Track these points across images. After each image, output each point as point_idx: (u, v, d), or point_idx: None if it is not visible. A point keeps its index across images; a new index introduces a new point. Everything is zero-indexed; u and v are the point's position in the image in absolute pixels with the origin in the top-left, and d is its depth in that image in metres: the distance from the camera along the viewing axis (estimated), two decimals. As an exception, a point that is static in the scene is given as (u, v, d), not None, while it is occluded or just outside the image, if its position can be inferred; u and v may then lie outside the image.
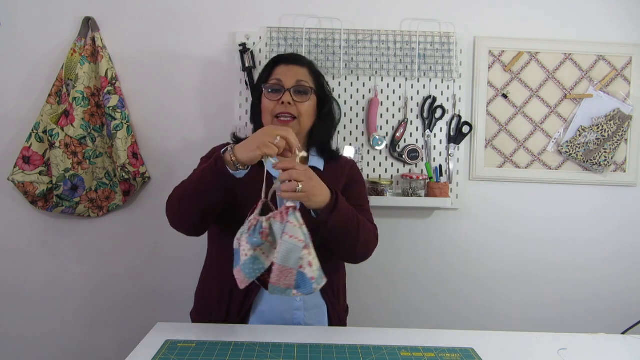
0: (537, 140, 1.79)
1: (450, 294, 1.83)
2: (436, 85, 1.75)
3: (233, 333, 1.06)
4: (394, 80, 1.75)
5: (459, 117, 1.75)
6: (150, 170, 1.74)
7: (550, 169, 1.80)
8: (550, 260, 1.82)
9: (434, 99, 1.74)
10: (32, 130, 1.63)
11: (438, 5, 1.75)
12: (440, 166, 1.75)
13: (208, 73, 1.73)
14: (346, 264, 1.33)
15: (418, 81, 1.75)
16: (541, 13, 1.77)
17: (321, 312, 1.23)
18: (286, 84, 1.22)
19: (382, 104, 1.75)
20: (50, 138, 1.60)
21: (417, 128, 1.76)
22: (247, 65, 1.68)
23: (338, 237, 1.09)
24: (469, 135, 1.77)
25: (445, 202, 1.70)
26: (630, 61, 1.77)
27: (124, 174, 1.66)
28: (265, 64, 1.33)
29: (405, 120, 1.75)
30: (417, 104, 1.76)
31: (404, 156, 1.74)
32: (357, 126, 1.76)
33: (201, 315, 1.26)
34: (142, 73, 1.72)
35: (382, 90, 1.75)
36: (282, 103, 1.21)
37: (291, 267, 0.94)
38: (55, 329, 1.76)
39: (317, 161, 1.30)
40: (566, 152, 1.77)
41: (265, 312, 1.18)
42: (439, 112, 1.75)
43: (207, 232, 1.25)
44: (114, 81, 1.67)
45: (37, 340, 1.76)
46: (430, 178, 1.71)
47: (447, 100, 1.76)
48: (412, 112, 1.76)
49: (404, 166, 1.76)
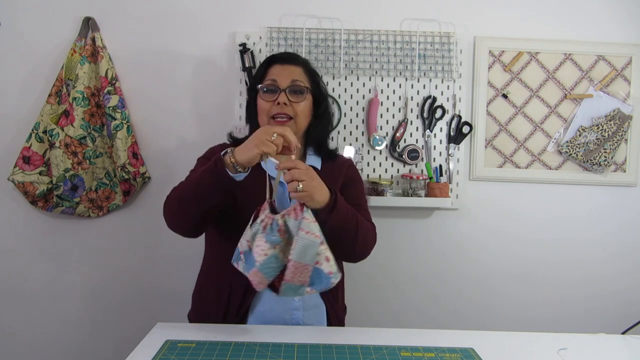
0: (537, 140, 1.79)
1: (450, 294, 1.83)
2: (436, 85, 1.75)
3: (233, 333, 1.06)
4: (394, 80, 1.75)
5: (459, 117, 1.75)
6: (150, 170, 1.74)
7: (550, 169, 1.80)
8: (550, 260, 1.82)
9: (434, 99, 1.74)
10: (32, 130, 1.63)
11: (438, 5, 1.75)
12: (440, 166, 1.75)
13: (208, 73, 1.73)
14: (345, 264, 1.33)
15: (418, 81, 1.75)
16: (541, 13, 1.77)
17: (320, 312, 1.23)
18: (281, 84, 1.21)
19: (382, 104, 1.75)
20: (50, 138, 1.60)
21: (417, 128, 1.76)
22: (247, 65, 1.68)
23: (337, 236, 1.09)
24: (469, 135, 1.77)
25: (445, 202, 1.70)
26: (630, 61, 1.77)
27: (124, 174, 1.66)
28: (260, 63, 1.32)
29: (405, 120, 1.75)
30: (417, 104, 1.76)
31: (404, 156, 1.74)
32: (357, 126, 1.76)
33: (199, 316, 1.25)
34: (142, 73, 1.72)
35: (382, 90, 1.75)
36: (278, 104, 1.20)
37: (307, 264, 0.94)
38: (56, 328, 1.76)
39: (315, 160, 1.29)
40: (566, 152, 1.77)
41: (264, 313, 1.18)
42: (439, 112, 1.75)
43: (204, 234, 1.24)
44: (114, 81, 1.67)
45: (37, 340, 1.76)
46: (430, 178, 1.71)
47: (447, 100, 1.76)
48: (412, 112, 1.76)
49: (404, 166, 1.76)
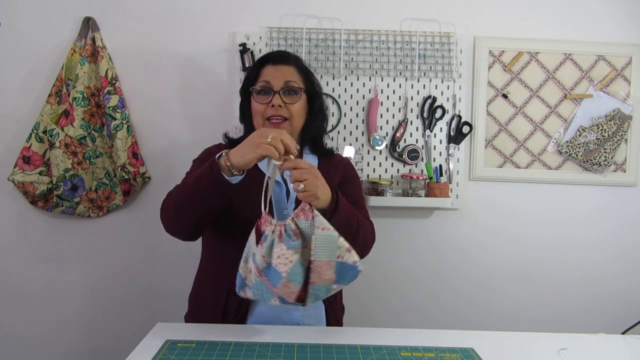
0: (537, 140, 1.79)
1: (450, 294, 1.83)
2: (436, 85, 1.75)
3: (233, 333, 1.06)
4: (394, 80, 1.75)
5: (459, 117, 1.75)
6: (150, 170, 1.74)
7: (550, 169, 1.80)
8: (550, 260, 1.82)
9: (434, 99, 1.74)
10: (32, 130, 1.63)
11: (438, 5, 1.75)
12: (440, 166, 1.75)
13: (208, 73, 1.73)
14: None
15: (418, 81, 1.75)
16: (541, 13, 1.77)
17: (319, 312, 1.23)
18: (275, 85, 1.20)
19: (382, 104, 1.75)
20: (50, 138, 1.60)
21: (417, 128, 1.76)
22: (247, 65, 1.68)
23: None
24: (469, 135, 1.77)
25: (445, 202, 1.70)
26: (630, 61, 1.77)
27: (124, 174, 1.66)
28: (252, 64, 1.30)
29: (405, 120, 1.75)
30: (417, 104, 1.76)
31: (404, 156, 1.74)
32: (357, 126, 1.76)
33: (196, 319, 1.24)
34: (142, 73, 1.72)
35: (382, 90, 1.75)
36: (272, 106, 1.19)
37: (330, 260, 0.93)
38: (55, 328, 1.76)
39: (311, 158, 1.28)
40: (566, 152, 1.77)
41: (263, 314, 1.17)
42: (439, 112, 1.75)
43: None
44: (114, 81, 1.67)
45: (37, 340, 1.76)
46: (430, 178, 1.71)
47: (447, 100, 1.76)
48: (412, 112, 1.76)
49: (404, 166, 1.76)
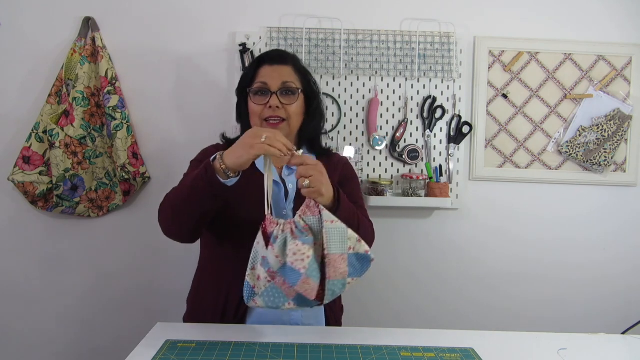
0: (537, 140, 1.79)
1: (450, 294, 1.83)
2: (436, 85, 1.75)
3: (233, 333, 1.06)
4: (394, 80, 1.75)
5: (459, 117, 1.75)
6: (150, 170, 1.74)
7: (550, 169, 1.80)
8: (550, 260, 1.82)
9: (434, 99, 1.74)
10: (32, 130, 1.63)
11: (438, 5, 1.75)
12: (440, 166, 1.75)
13: (208, 73, 1.73)
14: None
15: (418, 81, 1.75)
16: (541, 13, 1.77)
17: (318, 311, 1.22)
18: (272, 86, 1.19)
19: (382, 104, 1.75)
20: (50, 138, 1.60)
21: (417, 128, 1.76)
22: (247, 65, 1.68)
23: None
24: (469, 135, 1.77)
25: (445, 202, 1.70)
26: (630, 61, 1.77)
27: (124, 174, 1.66)
28: (249, 64, 1.30)
29: (405, 120, 1.75)
30: (417, 104, 1.76)
31: (404, 156, 1.74)
32: (357, 126, 1.76)
33: (194, 320, 1.23)
34: (142, 73, 1.72)
35: (382, 90, 1.75)
36: (270, 107, 1.18)
37: (342, 253, 0.93)
38: (55, 328, 1.76)
39: None
40: (566, 152, 1.77)
41: (262, 314, 1.17)
42: (439, 112, 1.75)
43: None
44: (114, 81, 1.67)
45: (37, 340, 1.76)
46: (430, 178, 1.71)
47: (447, 100, 1.76)
48: (412, 112, 1.76)
49: (404, 166, 1.76)
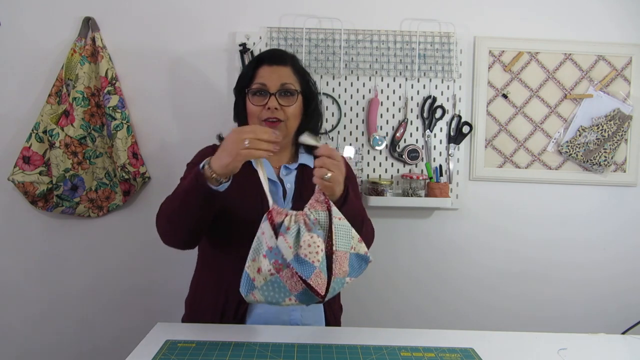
0: (537, 140, 1.79)
1: (450, 294, 1.83)
2: (436, 85, 1.75)
3: (233, 333, 1.06)
4: (394, 80, 1.75)
5: (459, 117, 1.75)
6: (150, 170, 1.74)
7: (550, 169, 1.80)
8: (550, 260, 1.82)
9: (434, 99, 1.74)
10: (32, 130, 1.63)
11: (438, 5, 1.75)
12: (440, 166, 1.75)
13: (208, 73, 1.73)
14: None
15: (418, 81, 1.75)
16: (541, 13, 1.77)
17: (318, 311, 1.22)
18: (270, 87, 1.17)
19: (382, 104, 1.75)
20: (50, 138, 1.60)
21: (417, 128, 1.76)
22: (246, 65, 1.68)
23: None
24: (469, 135, 1.77)
25: (445, 202, 1.70)
26: (630, 61, 1.77)
27: (124, 174, 1.66)
28: (248, 63, 1.28)
29: (405, 120, 1.75)
30: (417, 104, 1.76)
31: (404, 156, 1.74)
32: (357, 126, 1.76)
33: (194, 322, 1.23)
34: (142, 73, 1.72)
35: (382, 90, 1.75)
36: (269, 108, 1.17)
37: (346, 251, 0.93)
38: (55, 328, 1.76)
39: (307, 158, 1.27)
40: (566, 152, 1.77)
41: (262, 315, 1.17)
42: (439, 112, 1.75)
43: None
44: (114, 81, 1.67)
45: (37, 340, 1.76)
46: (430, 178, 1.71)
47: (447, 100, 1.76)
48: (412, 112, 1.76)
49: (404, 166, 1.76)
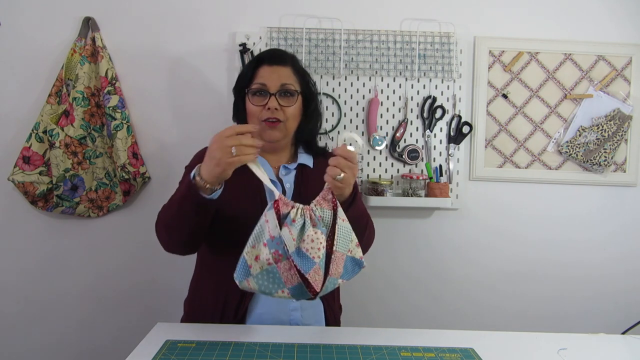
0: (537, 140, 1.79)
1: (450, 294, 1.83)
2: (436, 85, 1.75)
3: (233, 333, 1.06)
4: (394, 80, 1.75)
5: (459, 117, 1.75)
6: (150, 170, 1.74)
7: (550, 169, 1.80)
8: (550, 260, 1.82)
9: (434, 99, 1.74)
10: (32, 130, 1.63)
11: (438, 5, 1.75)
12: (440, 166, 1.75)
13: (208, 73, 1.73)
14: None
15: (418, 81, 1.75)
16: (541, 13, 1.77)
17: (317, 311, 1.23)
18: (271, 87, 1.17)
19: (382, 104, 1.75)
20: (50, 138, 1.60)
21: (417, 128, 1.76)
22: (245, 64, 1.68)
23: None
24: (469, 135, 1.77)
25: (445, 202, 1.70)
26: (630, 61, 1.77)
27: (124, 174, 1.66)
28: (248, 62, 1.28)
29: (405, 120, 1.75)
30: (417, 104, 1.76)
31: (404, 156, 1.74)
32: (357, 126, 1.76)
33: (193, 322, 1.22)
34: (142, 73, 1.72)
35: (382, 90, 1.75)
36: (269, 109, 1.17)
37: (343, 253, 0.92)
38: (55, 328, 1.76)
39: (306, 158, 1.28)
40: (566, 152, 1.77)
41: (262, 316, 1.17)
42: (439, 112, 1.75)
43: None
44: (114, 81, 1.67)
45: (37, 340, 1.76)
46: (430, 178, 1.71)
47: (447, 100, 1.75)
48: (412, 112, 1.76)
49: (404, 166, 1.76)
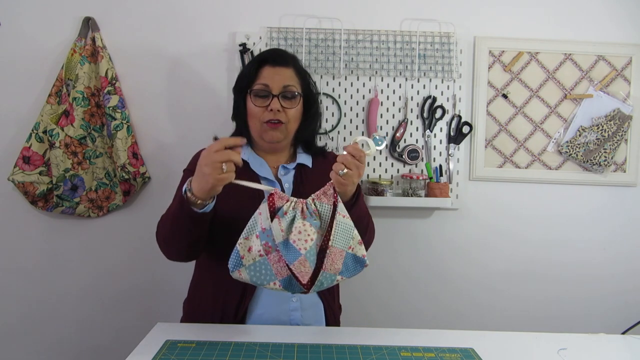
0: (537, 140, 1.79)
1: (450, 294, 1.83)
2: (436, 85, 1.75)
3: (233, 333, 1.06)
4: (394, 80, 1.75)
5: (459, 117, 1.75)
6: (150, 170, 1.74)
7: (550, 169, 1.80)
8: (550, 260, 1.82)
9: (434, 99, 1.74)
10: (32, 130, 1.63)
11: (438, 5, 1.75)
12: (440, 166, 1.75)
13: (208, 73, 1.73)
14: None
15: (418, 81, 1.75)
16: (541, 13, 1.77)
17: (318, 311, 1.23)
18: (273, 89, 1.18)
19: (382, 104, 1.75)
20: (50, 138, 1.60)
21: (417, 128, 1.76)
22: (246, 64, 1.68)
23: None
24: (469, 135, 1.77)
25: (445, 202, 1.70)
26: (630, 61, 1.77)
27: (124, 174, 1.66)
28: (249, 62, 1.27)
29: (405, 120, 1.75)
30: (417, 104, 1.76)
31: (404, 156, 1.74)
32: (357, 126, 1.76)
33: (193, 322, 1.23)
34: (142, 73, 1.72)
35: (382, 90, 1.75)
36: (271, 110, 1.17)
37: (342, 249, 0.93)
38: (55, 328, 1.76)
39: (305, 158, 1.28)
40: (566, 152, 1.77)
41: (262, 316, 1.17)
42: (439, 112, 1.75)
43: None
44: (114, 81, 1.67)
45: (37, 340, 1.76)
46: (430, 178, 1.71)
47: (447, 100, 1.75)
48: (412, 112, 1.76)
49: (404, 166, 1.76)
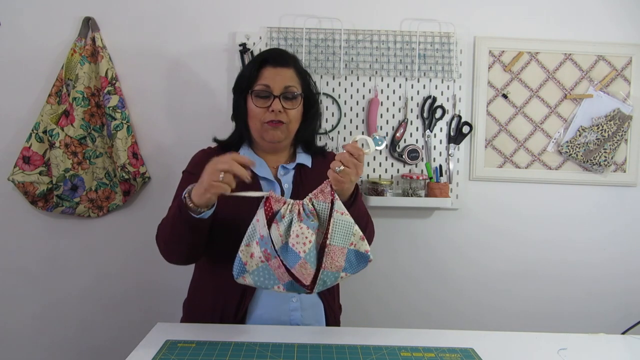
0: (537, 140, 1.79)
1: (450, 294, 1.83)
2: (436, 85, 1.75)
3: (233, 333, 1.06)
4: (394, 80, 1.75)
5: (459, 117, 1.75)
6: (150, 170, 1.74)
7: (550, 169, 1.80)
8: (550, 260, 1.82)
9: (434, 99, 1.74)
10: (32, 130, 1.63)
11: (438, 5, 1.75)
12: (440, 166, 1.75)
13: (208, 73, 1.73)
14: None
15: (418, 81, 1.75)
16: (541, 13, 1.77)
17: (318, 310, 1.23)
18: (274, 90, 1.17)
19: (382, 104, 1.75)
20: (50, 138, 1.60)
21: (417, 128, 1.76)
22: (246, 64, 1.68)
23: None
24: (469, 135, 1.77)
25: (445, 202, 1.70)
26: (630, 61, 1.77)
27: (124, 174, 1.66)
28: (249, 62, 1.27)
29: (405, 120, 1.75)
30: (417, 104, 1.76)
31: (404, 156, 1.74)
32: (357, 126, 1.76)
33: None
34: (142, 73, 1.72)
35: (382, 90, 1.75)
36: (272, 111, 1.17)
37: (343, 246, 0.93)
38: (55, 328, 1.76)
39: (305, 158, 1.28)
40: (566, 152, 1.77)
41: (262, 316, 1.17)
42: (439, 112, 1.75)
43: None
44: (114, 81, 1.67)
45: (37, 340, 1.76)
46: (430, 178, 1.71)
47: (447, 100, 1.76)
48: (412, 112, 1.76)
49: (404, 166, 1.76)
